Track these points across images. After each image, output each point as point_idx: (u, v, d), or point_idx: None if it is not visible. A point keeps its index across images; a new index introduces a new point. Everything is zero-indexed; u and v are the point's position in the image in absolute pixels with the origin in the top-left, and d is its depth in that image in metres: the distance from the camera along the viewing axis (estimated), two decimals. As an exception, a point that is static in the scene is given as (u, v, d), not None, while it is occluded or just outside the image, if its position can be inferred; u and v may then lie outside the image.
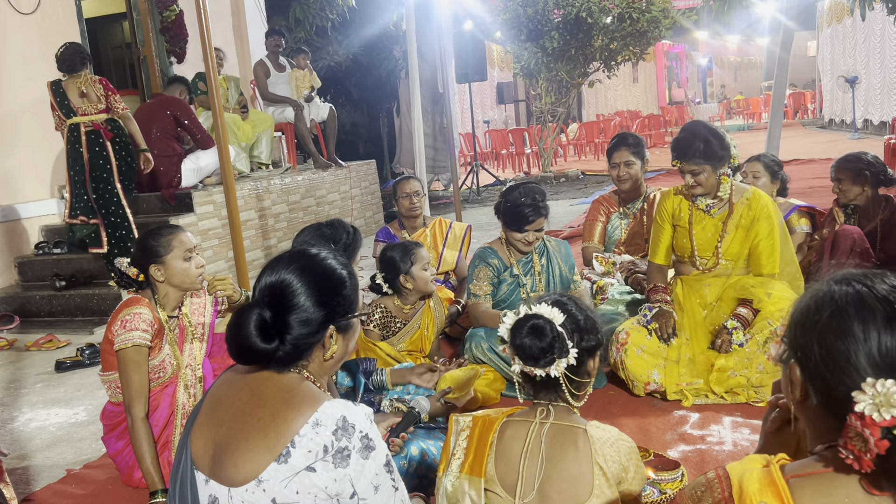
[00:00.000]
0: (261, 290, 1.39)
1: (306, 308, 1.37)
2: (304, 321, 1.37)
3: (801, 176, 8.92)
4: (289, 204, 6.85)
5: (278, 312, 1.36)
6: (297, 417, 1.30)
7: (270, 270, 1.42)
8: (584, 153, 17.43)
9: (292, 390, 1.36)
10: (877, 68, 14.75)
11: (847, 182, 3.57)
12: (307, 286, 1.38)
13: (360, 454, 1.30)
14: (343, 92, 11.71)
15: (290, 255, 1.45)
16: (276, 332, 1.35)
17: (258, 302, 1.38)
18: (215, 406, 1.40)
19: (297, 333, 1.37)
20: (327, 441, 1.28)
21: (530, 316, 1.66)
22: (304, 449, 1.27)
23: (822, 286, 1.06)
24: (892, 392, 0.91)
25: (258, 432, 1.31)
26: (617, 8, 11.74)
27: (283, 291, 1.38)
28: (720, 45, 30.62)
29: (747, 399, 2.91)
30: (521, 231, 3.22)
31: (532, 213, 3.16)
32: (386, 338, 3.17)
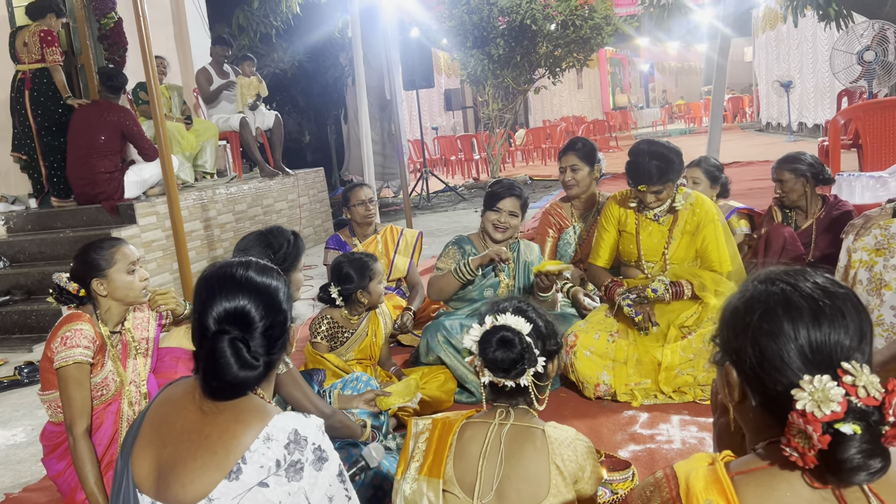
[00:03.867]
0: (219, 319, 1.31)
1: (271, 325, 1.34)
2: (274, 338, 1.35)
3: (740, 178, 9.18)
4: (235, 213, 6.75)
5: (250, 335, 1.32)
6: (247, 432, 1.27)
7: (220, 294, 1.33)
8: (531, 158, 17.62)
9: (240, 405, 1.33)
10: (809, 73, 15.31)
11: (788, 182, 3.66)
12: (265, 303, 1.34)
13: (314, 466, 1.28)
14: (289, 99, 11.60)
15: (228, 275, 1.37)
16: (252, 356, 1.31)
17: (223, 330, 1.30)
18: (157, 426, 1.36)
19: (269, 351, 1.34)
20: (279, 455, 1.26)
21: (498, 328, 1.67)
22: (256, 464, 1.25)
23: (748, 287, 1.08)
24: (829, 387, 0.95)
25: (206, 450, 1.28)
26: (560, 15, 11.92)
27: (246, 314, 1.32)
28: (661, 51, 31.40)
29: (694, 397, 2.97)
30: (494, 209, 3.28)
31: (505, 191, 3.26)
32: (334, 348, 3.14)
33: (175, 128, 6.40)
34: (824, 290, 1.02)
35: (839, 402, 0.93)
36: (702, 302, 3.08)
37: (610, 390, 3.05)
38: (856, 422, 0.93)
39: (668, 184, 3.06)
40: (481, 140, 14.23)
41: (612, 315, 3.20)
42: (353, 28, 7.49)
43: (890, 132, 5.21)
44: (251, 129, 7.39)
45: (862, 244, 2.65)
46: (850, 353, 0.98)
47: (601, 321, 3.22)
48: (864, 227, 2.67)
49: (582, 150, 3.82)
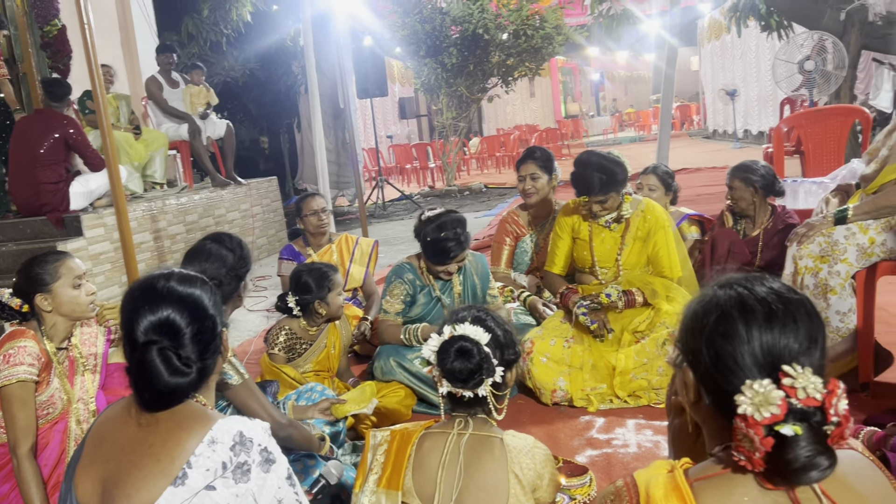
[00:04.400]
0: (146, 331, 1.31)
1: (199, 331, 1.34)
2: (204, 343, 1.35)
3: (689, 184, 9.39)
4: (186, 224, 6.62)
5: (178, 343, 1.32)
6: (191, 438, 1.27)
7: (144, 308, 1.33)
8: (486, 166, 17.73)
9: (181, 412, 1.33)
10: (753, 82, 15.77)
11: (739, 190, 3.74)
12: (189, 310, 1.35)
13: (261, 468, 1.28)
14: (241, 108, 11.44)
15: (151, 288, 1.37)
16: (184, 363, 1.31)
17: (151, 341, 1.30)
18: (99, 444, 1.35)
19: (202, 357, 1.34)
20: (225, 458, 1.26)
21: (456, 338, 1.67)
22: (202, 468, 1.25)
23: (708, 291, 1.11)
24: (769, 391, 0.97)
25: (150, 459, 1.27)
26: (512, 25, 12.05)
27: (172, 323, 1.32)
28: (610, 60, 31.97)
29: (649, 401, 3.02)
30: (443, 265, 3.18)
31: (455, 248, 3.10)
32: (292, 360, 3.10)
33: (123, 137, 6.26)
34: (779, 294, 1.05)
35: (778, 405, 0.95)
36: (654, 307, 3.14)
37: (566, 396, 3.08)
38: (796, 423, 0.95)
39: (612, 194, 3.14)
40: (436, 148, 14.28)
41: (567, 321, 3.24)
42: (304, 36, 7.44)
43: (830, 139, 5.39)
44: (202, 138, 7.27)
45: (807, 251, 2.73)
46: (798, 357, 1.00)
47: (557, 327, 3.25)
48: (806, 235, 2.75)
49: (540, 158, 3.84)
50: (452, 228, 3.08)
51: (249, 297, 5.82)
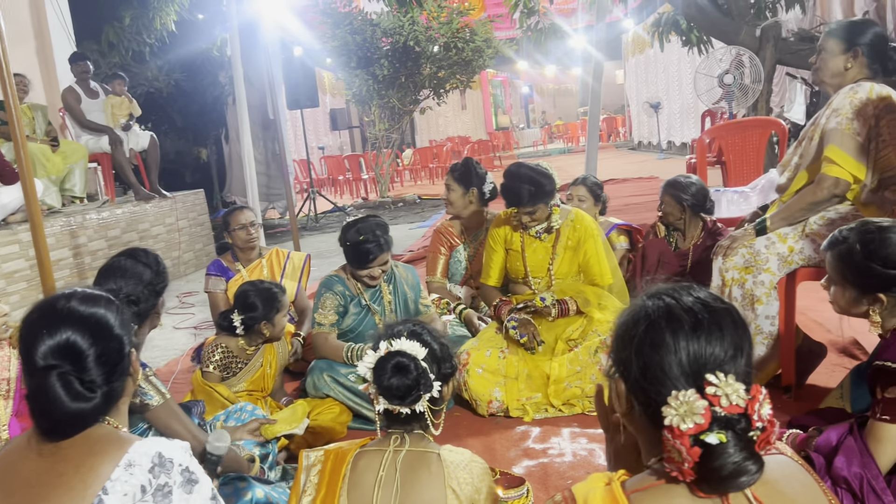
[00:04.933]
0: (45, 356, 1.24)
1: (103, 352, 1.28)
2: (111, 365, 1.28)
3: (617, 194, 9.63)
4: (108, 240, 6.37)
5: (81, 367, 1.25)
6: (106, 462, 1.22)
7: (43, 331, 1.25)
8: (419, 178, 17.76)
9: (92, 437, 1.26)
10: (676, 95, 16.34)
11: (668, 205, 3.85)
12: (92, 331, 1.28)
13: (183, 489, 1.24)
14: (166, 119, 11.12)
15: (50, 310, 1.29)
16: (87, 387, 1.24)
17: (50, 366, 1.23)
18: (2, 477, 1.26)
19: (108, 380, 1.28)
20: (143, 480, 1.21)
21: (393, 354, 1.64)
22: (119, 493, 1.19)
23: (638, 301, 1.13)
24: (692, 401, 0.98)
25: (62, 488, 1.20)
26: (443, 37, 12.14)
27: (73, 346, 1.25)
28: (539, 74, 32.57)
29: (583, 409, 3.05)
30: (364, 269, 3.16)
31: (375, 250, 3.10)
32: (226, 379, 3.00)
33: (39, 150, 5.99)
34: (705, 304, 1.07)
35: (702, 414, 0.97)
36: (586, 315, 3.19)
37: (502, 406, 3.09)
38: (721, 431, 0.97)
39: (540, 205, 3.20)
40: (369, 160, 14.21)
41: (501, 333, 3.25)
42: (232, 46, 7.29)
43: (749, 149, 5.61)
44: (124, 150, 7.02)
45: (732, 264, 2.82)
46: (723, 365, 1.02)
47: (492, 338, 3.27)
48: (730, 247, 2.84)
49: (455, 171, 3.93)
50: (371, 231, 3.10)
51: (176, 315, 5.63)
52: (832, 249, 2.01)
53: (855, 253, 1.93)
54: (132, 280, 2.20)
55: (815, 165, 2.75)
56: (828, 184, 2.65)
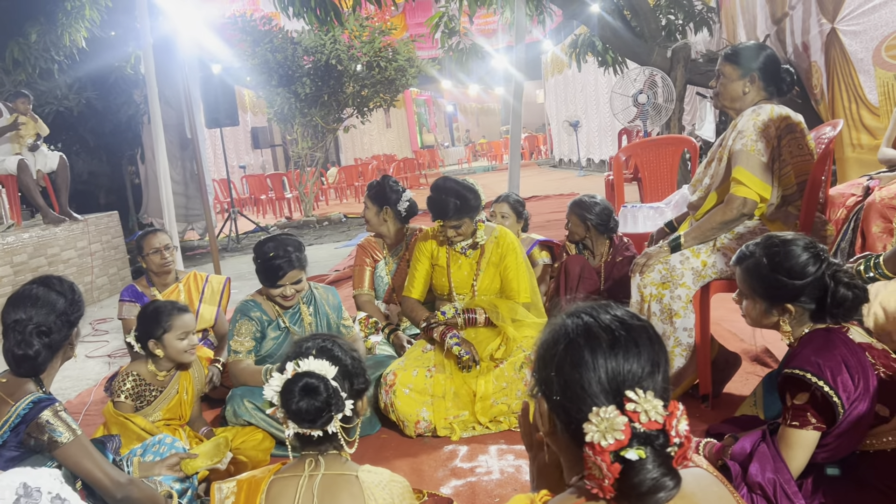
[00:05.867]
0: None
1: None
2: None
3: (539, 211, 9.80)
4: (14, 266, 6.04)
5: None
6: None
7: None
8: (345, 196, 17.63)
9: None
10: (594, 113, 16.81)
11: (574, 224, 3.99)
12: None
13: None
14: (77, 139, 10.66)
15: None
16: None
17: None
18: None
19: None
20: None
21: (301, 375, 1.58)
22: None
23: (558, 320, 1.13)
24: (613, 417, 0.99)
25: None
26: (365, 56, 12.12)
27: None
28: (462, 93, 33.00)
29: (510, 426, 3.06)
30: (275, 286, 3.10)
31: (285, 265, 3.04)
32: (140, 408, 2.86)
33: (-65, 172, 5.65)
34: (622, 321, 1.09)
35: (622, 430, 0.98)
36: (503, 333, 3.21)
37: (430, 426, 3.07)
38: (640, 447, 0.98)
39: (466, 219, 3.25)
40: (293, 178, 14.01)
41: (430, 351, 3.24)
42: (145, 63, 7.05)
43: (664, 166, 5.81)
44: (31, 171, 6.70)
45: (649, 280, 2.90)
46: (641, 382, 1.04)
47: (419, 357, 3.25)
48: (646, 265, 2.92)
49: (371, 190, 3.98)
50: (283, 247, 3.06)
51: (89, 343, 5.38)
52: (741, 264, 2.09)
53: (762, 266, 2.01)
54: (44, 310, 2.08)
55: (724, 186, 2.88)
56: (736, 204, 2.77)
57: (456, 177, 3.41)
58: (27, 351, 2.03)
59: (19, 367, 2.04)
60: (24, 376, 2.05)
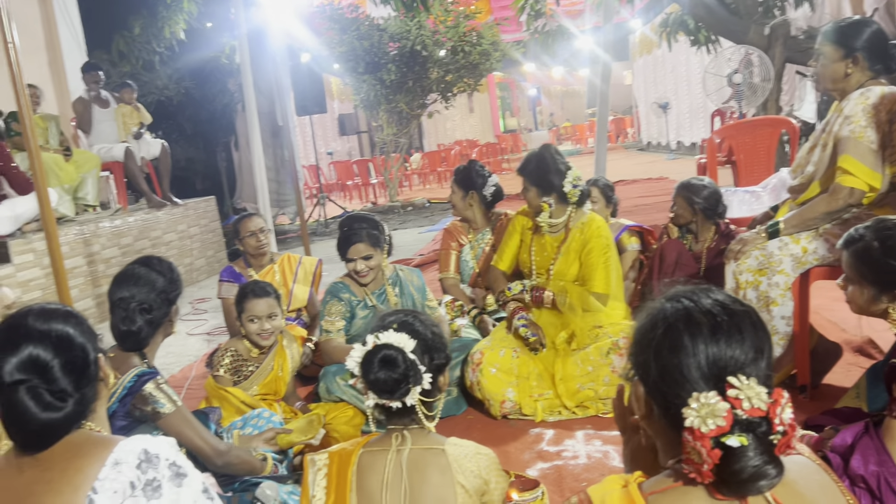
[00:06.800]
0: (11, 372, 1.27)
1: (68, 361, 1.31)
2: (78, 372, 1.32)
3: (626, 195, 9.59)
4: (121, 247, 6.41)
5: (48, 378, 1.28)
6: (93, 463, 1.25)
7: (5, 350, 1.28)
8: (428, 181, 17.78)
9: (75, 442, 1.30)
10: (685, 95, 16.28)
11: (680, 208, 3.81)
12: (53, 344, 1.31)
13: (173, 483, 1.26)
14: (176, 127, 11.19)
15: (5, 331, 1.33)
16: (57, 396, 1.28)
17: (17, 381, 1.26)
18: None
19: (77, 387, 1.31)
20: (132, 477, 1.24)
21: (380, 347, 1.62)
22: (109, 491, 1.22)
23: (657, 304, 1.12)
24: (714, 403, 0.98)
25: (51, 494, 1.23)
26: (450, 41, 12.14)
27: (35, 360, 1.28)
28: (546, 76, 32.49)
29: (597, 412, 3.04)
30: (345, 259, 3.21)
31: (352, 237, 3.15)
32: (238, 383, 3.01)
33: (52, 159, 6.04)
34: (724, 306, 1.07)
35: (724, 416, 0.97)
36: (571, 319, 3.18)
37: (515, 406, 3.09)
38: (742, 434, 0.97)
39: (533, 189, 3.25)
40: (378, 164, 14.24)
41: (510, 333, 3.26)
42: (241, 53, 7.32)
43: (760, 149, 5.59)
44: (136, 158, 7.07)
45: (745, 266, 2.81)
46: (743, 368, 1.02)
47: (504, 337, 3.27)
48: (742, 251, 2.83)
49: (457, 174, 4.04)
50: (355, 222, 3.19)
51: (189, 321, 5.66)
52: (849, 248, 2.00)
53: (873, 250, 1.91)
54: (145, 288, 2.22)
55: (828, 174, 2.73)
56: (843, 194, 2.62)
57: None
58: (130, 327, 2.17)
59: (124, 342, 2.19)
60: (128, 351, 2.19)
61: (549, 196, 3.24)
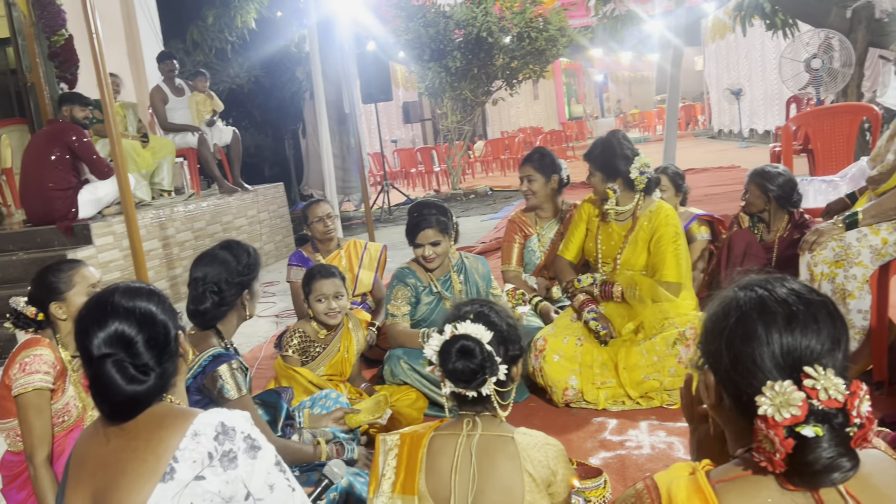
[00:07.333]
0: (99, 346, 1.35)
1: (151, 337, 1.38)
2: (160, 348, 1.38)
3: (696, 184, 9.36)
4: (194, 231, 6.64)
5: (133, 353, 1.35)
6: (174, 434, 1.31)
7: (94, 325, 1.36)
8: (491, 169, 17.73)
9: (157, 413, 1.37)
10: (759, 81, 15.73)
11: (753, 196, 3.67)
12: (137, 320, 1.38)
13: (247, 455, 1.32)
14: (246, 115, 11.47)
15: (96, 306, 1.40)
16: (140, 370, 1.34)
17: (104, 355, 1.34)
18: (80, 464, 1.38)
19: (159, 362, 1.38)
20: (210, 447, 1.30)
21: (458, 337, 1.65)
22: (189, 461, 1.29)
23: (729, 293, 1.11)
24: (789, 392, 0.97)
25: (136, 461, 1.30)
26: (516, 27, 12.04)
27: (121, 335, 1.36)
28: (614, 61, 31.90)
29: (661, 403, 3.01)
30: (414, 245, 3.24)
31: (422, 223, 3.20)
32: (305, 363, 3.11)
33: (130, 146, 6.29)
34: (800, 295, 1.05)
35: (799, 406, 0.95)
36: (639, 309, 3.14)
37: (578, 394, 3.08)
38: (818, 424, 0.95)
39: (598, 174, 3.22)
40: (441, 152, 14.28)
41: (577, 320, 3.24)
42: (310, 42, 7.44)
43: (839, 137, 5.37)
44: (209, 145, 7.29)
45: (821, 258, 2.72)
46: (820, 358, 1.00)
47: (568, 325, 3.25)
48: (817, 242, 2.73)
49: (538, 161, 3.86)
50: (424, 208, 3.25)
51: (259, 304, 5.81)
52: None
53: None
54: (218, 269, 2.30)
55: None
56: None
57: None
58: (198, 306, 2.27)
59: (193, 319, 2.28)
60: (199, 328, 2.28)
61: (613, 182, 3.20)
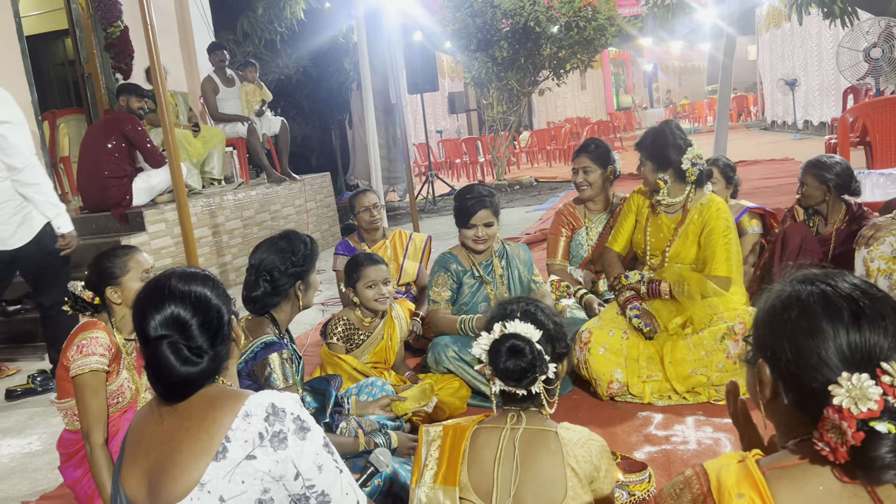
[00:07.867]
0: (155, 328, 1.38)
1: (205, 320, 1.41)
2: (213, 331, 1.42)
3: (748, 177, 9.15)
4: (243, 219, 6.76)
5: (187, 335, 1.39)
6: (227, 414, 1.35)
7: (151, 308, 1.40)
8: (536, 160, 17.62)
9: (211, 394, 1.41)
10: (815, 71, 15.27)
11: (810, 187, 3.56)
12: (192, 303, 1.41)
13: (297, 435, 1.35)
14: (294, 105, 11.62)
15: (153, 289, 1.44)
16: (194, 353, 1.38)
17: (160, 336, 1.37)
18: (136, 443, 1.43)
19: (212, 345, 1.41)
20: (261, 428, 1.33)
21: (508, 336, 1.65)
22: (240, 440, 1.32)
23: (786, 287, 1.09)
24: (867, 386, 0.95)
25: (190, 440, 1.34)
26: (564, 17, 11.91)
27: (177, 318, 1.39)
28: (664, 51, 31.35)
29: (708, 398, 2.96)
30: (468, 226, 3.24)
31: (476, 204, 3.20)
32: (349, 351, 3.14)
33: (182, 135, 6.42)
34: (864, 291, 1.04)
35: (876, 401, 0.94)
36: (686, 305, 3.08)
37: (623, 387, 3.05)
38: (891, 421, 0.94)
39: (649, 163, 3.17)
40: (486, 143, 14.24)
41: (623, 315, 3.21)
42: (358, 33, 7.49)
43: (899, 129, 5.19)
44: (258, 134, 7.40)
45: (878, 253, 2.64)
46: (890, 355, 0.99)
47: (614, 318, 3.22)
48: (874, 237, 2.65)
49: (595, 151, 3.78)
50: (476, 189, 3.28)
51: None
52: None
53: None
54: (273, 257, 2.34)
55: None
56: None
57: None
58: (251, 292, 2.32)
59: (246, 305, 2.34)
60: (254, 315, 2.32)
61: (664, 172, 3.14)
